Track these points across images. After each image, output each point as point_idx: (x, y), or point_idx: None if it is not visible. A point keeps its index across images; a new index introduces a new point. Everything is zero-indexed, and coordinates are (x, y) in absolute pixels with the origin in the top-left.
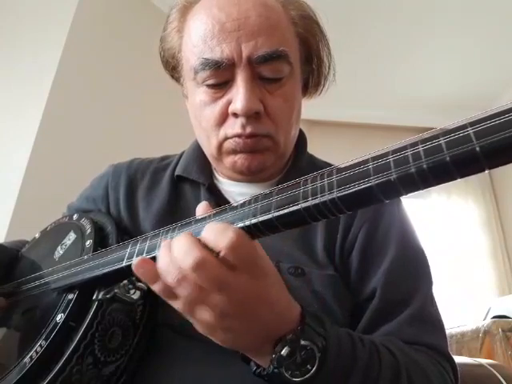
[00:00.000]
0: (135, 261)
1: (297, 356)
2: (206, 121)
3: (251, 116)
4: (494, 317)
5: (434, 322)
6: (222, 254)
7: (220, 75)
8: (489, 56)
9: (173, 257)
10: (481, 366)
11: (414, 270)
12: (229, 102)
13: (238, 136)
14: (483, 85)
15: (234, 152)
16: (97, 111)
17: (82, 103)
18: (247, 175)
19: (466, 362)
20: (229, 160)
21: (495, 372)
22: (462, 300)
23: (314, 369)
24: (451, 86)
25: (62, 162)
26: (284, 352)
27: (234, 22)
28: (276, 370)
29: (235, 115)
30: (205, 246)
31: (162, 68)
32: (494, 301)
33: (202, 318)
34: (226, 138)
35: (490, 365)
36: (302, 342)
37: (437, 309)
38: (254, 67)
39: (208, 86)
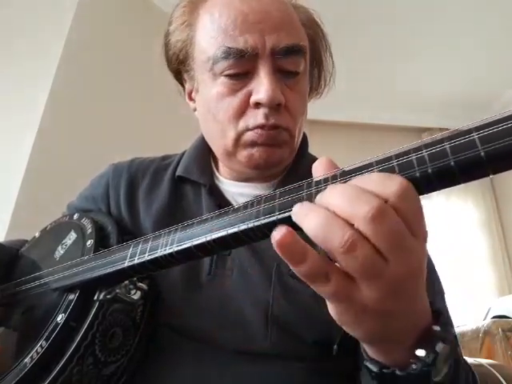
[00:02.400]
0: (277, 236)
1: (444, 352)
2: (223, 113)
3: (273, 107)
4: (494, 317)
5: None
6: (391, 200)
7: (242, 65)
8: (489, 56)
9: (335, 209)
10: (481, 366)
11: (429, 279)
12: (249, 93)
13: (261, 127)
14: (483, 85)
15: (253, 144)
16: (97, 111)
17: (82, 103)
18: (263, 169)
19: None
20: (245, 153)
21: (495, 372)
22: (462, 300)
23: (448, 367)
24: (451, 86)
25: (61, 162)
26: (438, 348)
27: (256, 14)
28: (425, 369)
29: (257, 106)
30: (378, 196)
31: (163, 68)
32: (494, 301)
33: (363, 298)
34: (247, 130)
35: (490, 365)
36: (450, 337)
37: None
38: (275, 59)
39: (227, 76)
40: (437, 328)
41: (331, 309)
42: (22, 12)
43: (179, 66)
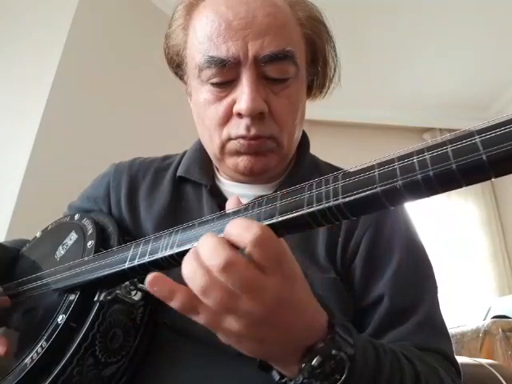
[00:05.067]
0: (149, 278)
1: (326, 366)
2: (209, 120)
3: (255, 117)
4: (494, 317)
5: (441, 328)
6: (247, 250)
7: (225, 74)
8: (489, 56)
9: (200, 260)
10: (481, 365)
11: (420, 274)
12: (233, 102)
13: (243, 137)
14: (483, 85)
15: (237, 153)
16: (97, 111)
17: (82, 103)
18: (250, 177)
19: (466, 361)
20: (231, 161)
21: (495, 372)
22: (462, 300)
23: (343, 378)
24: (451, 86)
25: (62, 162)
26: (315, 362)
27: (241, 20)
28: (306, 381)
29: (239, 115)
30: (232, 246)
31: (163, 68)
32: (494, 301)
33: (230, 328)
34: (230, 139)
35: (490, 365)
36: (333, 352)
37: (441, 314)
38: (259, 67)
39: (212, 84)
40: (320, 344)
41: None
42: (21, 12)
43: (176, 69)
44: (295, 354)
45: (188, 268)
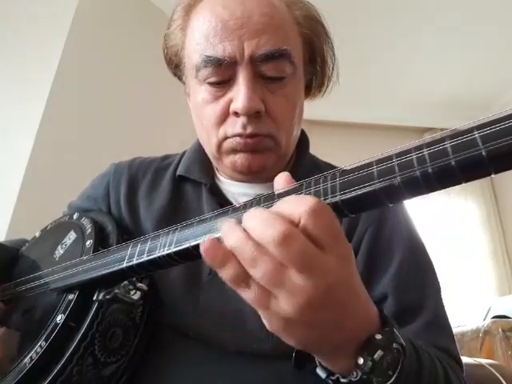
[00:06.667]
0: (205, 242)
1: (384, 360)
2: (207, 119)
3: (252, 115)
4: (494, 317)
5: (446, 327)
6: (302, 221)
7: (222, 73)
8: (489, 56)
9: (249, 231)
10: (481, 365)
11: (423, 273)
12: (230, 101)
13: (239, 135)
14: (483, 85)
15: (234, 151)
16: (97, 111)
17: (83, 102)
18: (247, 175)
19: (466, 361)
20: (229, 160)
21: (495, 372)
22: (462, 300)
23: (396, 374)
24: (452, 86)
25: (62, 161)
26: (377, 356)
27: (237, 20)
28: (365, 377)
29: (236, 114)
30: (287, 219)
31: (163, 68)
32: (494, 301)
33: (280, 309)
34: (226, 138)
35: (490, 365)
36: (394, 345)
37: (446, 313)
38: (256, 66)
39: (209, 84)
40: (378, 336)
41: (261, 317)
42: (21, 12)
43: (175, 70)
44: (350, 344)
45: (235, 237)
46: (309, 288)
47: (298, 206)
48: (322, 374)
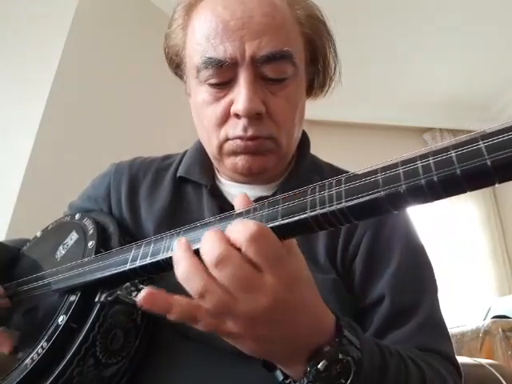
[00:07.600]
0: (142, 294)
1: (332, 369)
2: (207, 120)
3: (253, 117)
4: (494, 317)
5: (442, 329)
6: (242, 248)
7: (222, 74)
8: (489, 56)
9: (200, 253)
10: (481, 365)
11: (420, 275)
12: (231, 102)
13: (240, 138)
14: (483, 85)
15: (235, 153)
16: (97, 111)
17: (82, 102)
18: (248, 177)
19: (466, 362)
20: (229, 161)
21: (495, 372)
22: (462, 300)
23: (349, 382)
24: (452, 86)
25: (62, 162)
26: (321, 366)
27: (238, 20)
28: None
29: (237, 116)
30: (230, 243)
31: (163, 67)
32: (494, 301)
33: (230, 329)
34: (227, 139)
35: (490, 365)
36: (340, 356)
37: (442, 314)
38: (257, 67)
39: (210, 85)
40: (326, 348)
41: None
42: (21, 12)
43: (176, 69)
44: (300, 354)
45: (183, 269)
46: (250, 308)
47: (242, 232)
48: (279, 376)
